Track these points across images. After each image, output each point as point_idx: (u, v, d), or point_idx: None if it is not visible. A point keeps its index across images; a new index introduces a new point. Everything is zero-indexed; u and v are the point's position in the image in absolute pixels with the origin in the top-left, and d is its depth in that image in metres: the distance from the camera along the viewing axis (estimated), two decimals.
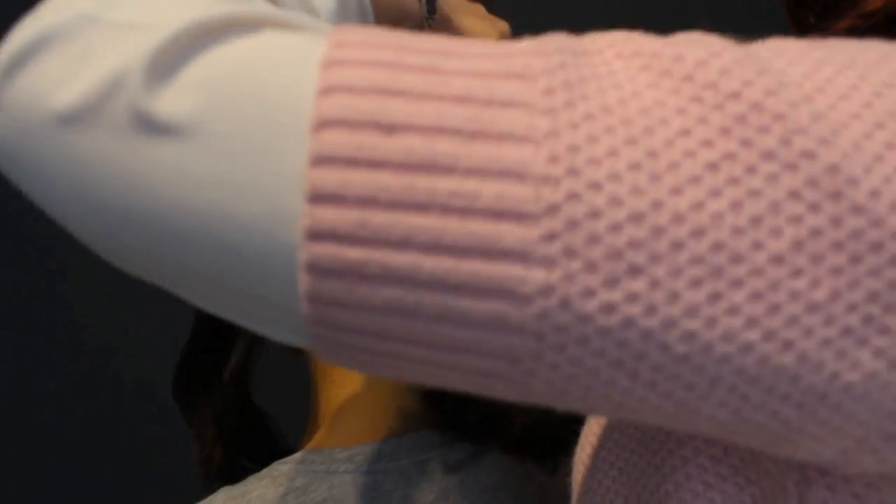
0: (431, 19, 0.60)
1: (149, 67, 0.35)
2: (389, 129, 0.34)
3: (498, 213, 0.33)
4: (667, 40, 0.38)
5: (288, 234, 0.35)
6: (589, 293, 0.34)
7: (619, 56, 0.37)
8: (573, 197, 0.34)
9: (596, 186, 0.34)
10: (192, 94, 0.35)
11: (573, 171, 0.34)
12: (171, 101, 0.35)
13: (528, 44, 0.37)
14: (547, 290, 0.34)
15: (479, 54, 0.37)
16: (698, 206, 0.34)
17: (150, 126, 0.35)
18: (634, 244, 0.33)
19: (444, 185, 0.34)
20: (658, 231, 0.34)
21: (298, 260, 0.35)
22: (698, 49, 0.37)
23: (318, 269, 0.35)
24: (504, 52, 0.37)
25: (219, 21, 0.37)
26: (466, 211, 0.34)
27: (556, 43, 0.37)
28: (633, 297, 0.34)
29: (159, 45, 0.35)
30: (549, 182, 0.34)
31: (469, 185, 0.34)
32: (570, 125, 0.34)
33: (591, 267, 0.34)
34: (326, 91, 0.35)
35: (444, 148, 0.34)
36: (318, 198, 0.34)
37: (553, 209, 0.33)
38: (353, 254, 0.34)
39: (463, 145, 0.34)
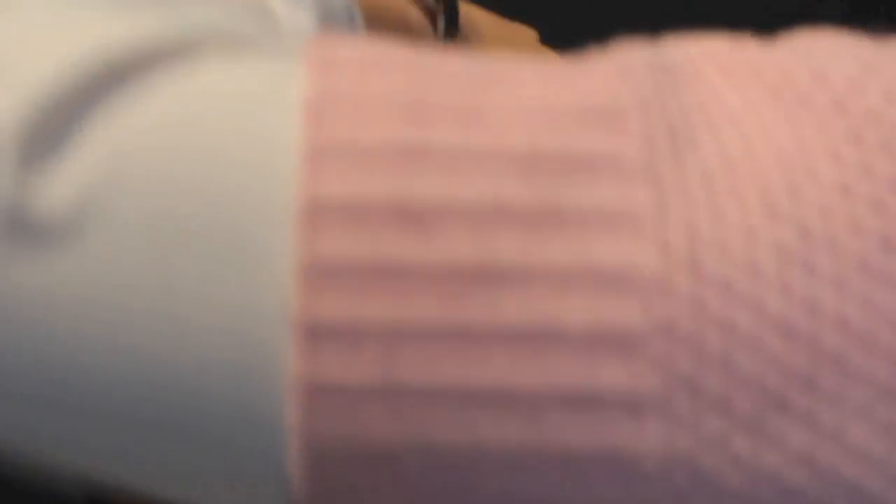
0: (453, 31, 0.47)
1: (24, 140, 0.25)
2: (419, 218, 0.25)
3: (592, 341, 0.25)
4: (790, 49, 0.29)
5: (265, 387, 0.25)
6: (723, 445, 0.26)
7: (725, 74, 0.28)
8: (698, 307, 0.26)
9: (727, 287, 0.26)
10: (92, 177, 0.25)
11: (695, 267, 0.26)
12: (61, 192, 0.25)
13: (603, 61, 0.28)
14: (667, 451, 0.26)
15: (536, 79, 0.27)
16: (868, 305, 0.26)
17: (29, 231, 0.25)
18: (786, 370, 0.26)
19: (509, 305, 0.25)
20: (817, 349, 0.26)
21: (286, 426, 0.25)
22: (844, 62, 0.28)
23: (320, 443, 0.25)
24: (572, 74, 0.28)
25: (130, 50, 0.26)
26: (550, 342, 0.25)
27: (640, 57, 0.29)
28: (779, 443, 0.26)
29: (38, 104, 0.25)
30: (661, 286, 0.26)
31: (549, 305, 0.25)
32: (682, 192, 0.26)
33: (724, 408, 0.26)
34: (319, 153, 0.25)
35: (506, 247, 0.25)
36: (318, 335, 0.25)
37: (670, 328, 0.25)
38: (377, 423, 0.25)
39: (534, 239, 0.25)
